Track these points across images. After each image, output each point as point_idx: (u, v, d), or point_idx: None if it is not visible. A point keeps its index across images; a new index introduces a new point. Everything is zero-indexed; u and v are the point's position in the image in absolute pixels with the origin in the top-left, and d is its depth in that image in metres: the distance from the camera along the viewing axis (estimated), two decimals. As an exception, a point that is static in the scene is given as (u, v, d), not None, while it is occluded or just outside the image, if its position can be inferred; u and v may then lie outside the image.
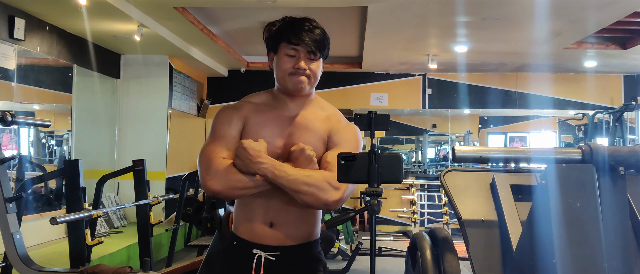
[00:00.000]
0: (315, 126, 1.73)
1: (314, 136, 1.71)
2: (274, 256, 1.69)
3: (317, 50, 1.70)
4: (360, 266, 5.81)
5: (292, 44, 1.68)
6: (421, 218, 7.90)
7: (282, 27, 1.72)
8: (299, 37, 1.68)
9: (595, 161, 1.33)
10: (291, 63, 1.69)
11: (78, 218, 3.10)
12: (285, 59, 1.70)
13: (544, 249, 1.25)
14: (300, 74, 1.69)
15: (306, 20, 1.73)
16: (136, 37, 5.51)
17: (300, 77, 1.69)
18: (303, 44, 1.68)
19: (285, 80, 1.71)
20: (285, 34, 1.70)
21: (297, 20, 1.73)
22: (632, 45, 6.39)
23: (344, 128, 1.75)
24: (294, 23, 1.72)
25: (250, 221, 1.71)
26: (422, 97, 8.42)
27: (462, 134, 9.49)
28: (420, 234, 1.65)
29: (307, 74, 1.70)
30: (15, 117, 2.54)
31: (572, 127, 9.15)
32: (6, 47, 4.67)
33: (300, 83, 1.70)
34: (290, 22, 1.73)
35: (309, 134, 1.71)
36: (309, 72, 1.70)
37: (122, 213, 6.66)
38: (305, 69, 1.69)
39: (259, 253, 1.69)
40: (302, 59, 1.69)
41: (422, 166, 9.43)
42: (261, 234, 1.70)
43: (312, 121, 1.74)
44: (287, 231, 1.70)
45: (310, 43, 1.68)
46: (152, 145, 6.83)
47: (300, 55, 1.69)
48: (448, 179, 1.61)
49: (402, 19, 5.41)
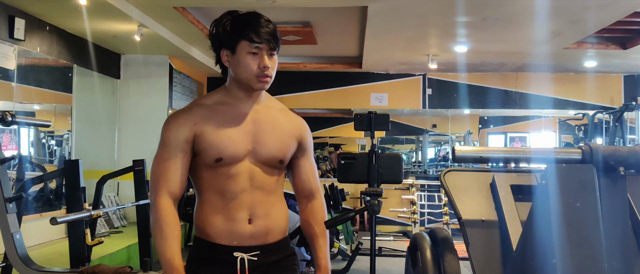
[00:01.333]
0: (280, 122, 1.76)
1: (282, 132, 1.75)
2: (255, 256, 1.68)
3: (277, 46, 1.67)
4: (360, 266, 5.81)
5: (254, 42, 1.63)
6: (421, 218, 7.90)
7: (238, 24, 1.67)
8: (260, 34, 1.63)
9: (595, 161, 1.33)
10: (255, 62, 1.65)
11: (78, 217, 3.09)
12: (248, 57, 1.64)
13: (544, 249, 1.25)
14: (267, 74, 1.66)
15: (259, 16, 1.68)
16: (136, 37, 5.51)
17: (266, 79, 1.67)
18: (265, 41, 1.64)
19: (251, 81, 1.67)
20: (245, 32, 1.64)
21: (251, 16, 1.68)
22: (632, 45, 6.39)
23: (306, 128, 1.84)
24: (249, 19, 1.66)
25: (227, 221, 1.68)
26: (422, 97, 8.42)
27: (462, 134, 9.49)
28: (420, 234, 1.65)
29: (270, 73, 1.68)
30: (15, 117, 2.54)
31: (572, 127, 9.16)
32: (6, 47, 4.67)
33: (266, 84, 1.69)
34: (245, 18, 1.67)
35: (276, 131, 1.73)
36: (271, 70, 1.68)
37: (122, 213, 6.66)
38: (269, 67, 1.66)
39: (241, 256, 1.66)
40: (265, 56, 1.65)
41: (422, 166, 9.44)
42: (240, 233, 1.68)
43: (273, 117, 1.76)
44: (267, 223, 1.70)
45: (271, 39, 1.65)
46: (152, 145, 6.71)
47: (262, 53, 1.65)
48: (448, 179, 1.61)
49: (402, 19, 5.41)
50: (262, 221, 1.69)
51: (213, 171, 1.68)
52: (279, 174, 1.76)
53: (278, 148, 1.71)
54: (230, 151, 1.66)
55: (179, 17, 5.26)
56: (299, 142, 1.78)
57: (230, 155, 1.66)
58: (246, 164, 1.68)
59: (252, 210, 1.69)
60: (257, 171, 1.69)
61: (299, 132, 1.78)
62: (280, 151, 1.72)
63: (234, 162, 1.67)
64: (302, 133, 1.79)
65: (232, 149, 1.66)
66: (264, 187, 1.70)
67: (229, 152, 1.66)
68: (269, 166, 1.71)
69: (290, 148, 1.75)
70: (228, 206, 1.68)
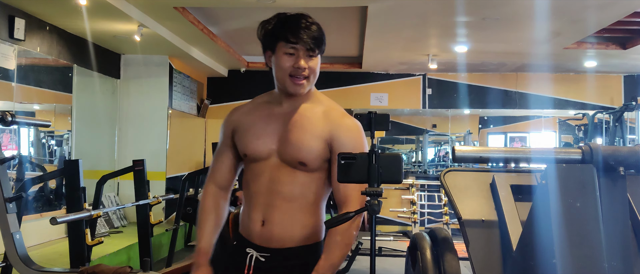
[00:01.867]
0: (312, 124, 1.69)
1: (311, 135, 1.68)
2: (264, 257, 1.71)
3: (316, 47, 1.66)
4: (360, 266, 5.81)
5: (290, 43, 1.64)
6: (421, 218, 7.89)
7: (278, 25, 1.68)
8: (297, 35, 1.64)
9: (595, 161, 1.33)
10: (291, 62, 1.66)
11: (78, 218, 3.10)
12: (284, 58, 1.66)
13: (544, 249, 1.25)
14: (300, 75, 1.66)
15: (302, 17, 1.69)
16: (136, 37, 5.51)
17: (301, 81, 1.67)
18: (302, 42, 1.64)
19: (285, 81, 1.68)
20: (282, 33, 1.66)
21: (293, 17, 1.69)
22: (632, 45, 6.39)
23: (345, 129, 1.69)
24: (290, 20, 1.68)
25: (248, 217, 1.76)
26: (422, 97, 8.42)
27: (462, 134, 9.49)
28: (420, 234, 1.65)
29: (306, 74, 1.67)
30: (15, 117, 2.54)
31: (572, 127, 9.15)
32: (6, 47, 4.67)
33: (301, 87, 1.68)
34: (286, 19, 1.68)
35: (304, 133, 1.68)
36: (308, 71, 1.67)
37: (122, 213, 6.66)
38: (305, 68, 1.66)
39: (252, 253, 1.72)
40: (301, 57, 1.66)
41: (422, 166, 9.43)
42: (254, 232, 1.74)
43: (309, 118, 1.70)
44: (277, 230, 1.70)
45: (308, 40, 1.64)
46: (152, 145, 6.83)
47: (299, 54, 1.65)
48: (448, 179, 1.61)
49: (402, 19, 5.41)
50: (274, 227, 1.70)
51: (247, 167, 1.78)
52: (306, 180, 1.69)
53: (298, 148, 1.67)
54: (252, 148, 1.72)
55: (179, 17, 5.26)
56: (330, 145, 1.67)
57: (253, 152, 1.72)
58: (269, 164, 1.71)
59: (266, 214, 1.71)
60: (279, 172, 1.70)
61: (329, 134, 1.67)
62: (300, 151, 1.67)
63: (258, 160, 1.73)
64: (333, 134, 1.67)
65: (254, 146, 1.72)
66: (283, 191, 1.69)
67: (252, 149, 1.73)
68: (292, 167, 1.69)
69: (313, 149, 1.67)
70: (250, 203, 1.76)
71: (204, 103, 8.30)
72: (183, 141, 7.58)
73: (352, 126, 1.70)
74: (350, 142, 1.67)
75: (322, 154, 1.68)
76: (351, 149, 1.62)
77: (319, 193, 1.72)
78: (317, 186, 1.71)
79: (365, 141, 1.72)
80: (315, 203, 1.72)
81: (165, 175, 6.91)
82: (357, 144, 1.67)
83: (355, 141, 1.68)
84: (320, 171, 1.70)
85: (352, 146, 1.65)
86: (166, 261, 5.47)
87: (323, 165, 1.70)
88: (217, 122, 8.45)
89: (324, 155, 1.68)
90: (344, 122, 1.70)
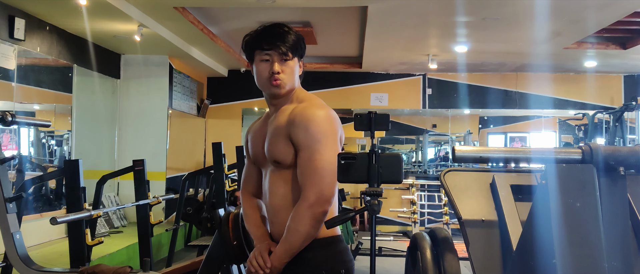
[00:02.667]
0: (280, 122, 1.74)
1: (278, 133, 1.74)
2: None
3: (289, 51, 1.75)
4: (360, 266, 5.81)
5: (264, 50, 1.74)
6: (421, 218, 7.90)
7: (254, 36, 1.79)
8: (270, 42, 1.74)
9: (595, 161, 1.33)
10: (267, 68, 1.75)
11: (78, 218, 3.09)
12: (261, 65, 1.76)
13: (544, 249, 1.25)
14: (276, 78, 1.75)
15: (277, 26, 1.78)
16: (136, 37, 5.51)
17: (277, 82, 1.75)
18: (275, 48, 1.73)
19: (265, 86, 1.78)
20: (257, 42, 1.76)
21: (268, 27, 1.78)
22: (632, 45, 6.39)
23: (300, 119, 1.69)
24: (264, 30, 1.78)
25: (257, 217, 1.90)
26: (422, 97, 8.42)
27: (462, 134, 9.49)
28: (420, 234, 1.65)
29: (281, 77, 1.75)
30: (15, 117, 2.54)
31: (572, 127, 9.15)
32: (6, 47, 4.67)
33: (278, 87, 1.76)
34: (262, 30, 1.78)
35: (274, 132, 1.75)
36: (283, 74, 1.75)
37: (122, 213, 6.66)
38: (279, 72, 1.74)
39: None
40: (275, 62, 1.74)
41: (422, 166, 9.43)
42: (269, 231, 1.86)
43: (281, 118, 1.76)
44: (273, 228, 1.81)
45: (281, 45, 1.73)
46: (152, 145, 6.83)
47: (273, 59, 1.75)
48: (448, 179, 1.61)
49: (402, 19, 5.41)
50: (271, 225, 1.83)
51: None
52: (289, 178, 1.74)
53: (271, 149, 1.75)
54: (252, 154, 1.89)
55: (179, 17, 5.26)
56: (290, 138, 1.71)
57: (253, 158, 1.89)
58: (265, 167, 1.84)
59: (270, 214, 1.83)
60: (270, 173, 1.80)
61: (288, 129, 1.70)
62: (272, 151, 1.75)
63: (259, 165, 1.87)
64: (291, 128, 1.70)
65: (253, 152, 1.88)
66: (273, 191, 1.78)
67: (252, 155, 1.89)
68: (275, 167, 1.77)
69: (279, 146, 1.72)
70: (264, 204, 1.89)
71: (204, 103, 8.30)
72: (183, 141, 7.58)
73: (310, 115, 1.69)
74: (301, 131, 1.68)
75: (288, 150, 1.71)
76: (302, 139, 1.66)
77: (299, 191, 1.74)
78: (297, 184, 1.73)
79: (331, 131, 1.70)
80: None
81: (165, 175, 6.91)
82: (309, 133, 1.67)
83: (308, 128, 1.67)
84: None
85: (303, 135, 1.67)
86: (166, 261, 5.47)
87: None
88: (217, 122, 8.46)
89: (291, 150, 1.71)
90: (302, 113, 1.70)
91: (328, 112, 1.72)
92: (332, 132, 1.70)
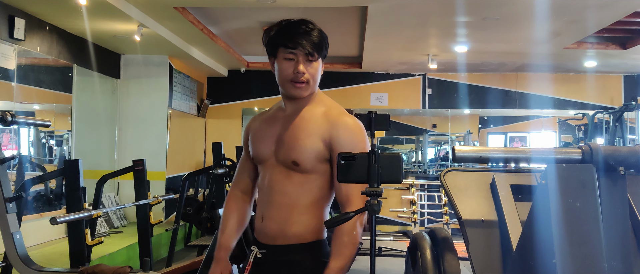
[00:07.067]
0: (310, 124, 1.72)
1: (306, 134, 1.70)
2: (261, 253, 1.78)
3: (315, 51, 1.70)
4: (360, 266, 5.79)
5: (289, 48, 1.69)
6: (421, 218, 7.89)
7: (278, 31, 1.72)
8: (295, 40, 1.68)
9: (595, 161, 1.33)
10: (291, 67, 1.70)
11: (78, 218, 3.09)
12: (284, 63, 1.71)
13: (544, 249, 1.25)
14: (300, 80, 1.70)
15: (303, 23, 1.72)
16: (136, 37, 5.51)
17: (301, 85, 1.71)
18: (300, 47, 1.68)
19: (286, 86, 1.73)
20: (282, 39, 1.70)
21: (294, 24, 1.72)
22: (632, 45, 6.39)
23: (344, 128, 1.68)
24: (290, 26, 1.71)
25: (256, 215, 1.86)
26: (422, 97, 8.42)
27: (462, 134, 9.49)
28: (420, 234, 1.65)
29: (306, 79, 1.71)
30: (15, 117, 2.54)
31: (572, 127, 9.15)
32: (6, 47, 4.67)
33: (300, 90, 1.72)
34: (287, 25, 1.72)
35: (300, 133, 1.71)
36: (308, 76, 1.71)
37: (122, 212, 6.66)
38: (304, 73, 1.70)
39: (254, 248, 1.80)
40: (300, 62, 1.69)
41: (422, 166, 9.43)
42: (256, 228, 1.84)
43: (307, 119, 1.73)
44: (272, 226, 1.75)
45: (307, 45, 1.68)
46: (152, 145, 6.83)
47: (298, 59, 1.69)
48: (448, 179, 1.61)
49: (402, 19, 5.41)
50: (270, 223, 1.76)
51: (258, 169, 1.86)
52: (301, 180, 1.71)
53: (291, 148, 1.70)
54: (254, 151, 1.82)
55: (179, 17, 5.26)
56: (329, 144, 1.68)
57: (255, 155, 1.82)
58: (269, 165, 1.77)
59: (265, 210, 1.78)
60: (276, 173, 1.75)
61: (328, 134, 1.68)
62: (292, 151, 1.70)
63: (261, 162, 1.81)
64: (332, 134, 1.68)
65: (256, 149, 1.81)
66: (279, 190, 1.73)
67: (254, 152, 1.82)
68: (286, 167, 1.72)
69: (307, 148, 1.68)
70: (258, 201, 1.86)
71: (204, 103, 8.30)
72: (183, 141, 7.58)
73: (352, 125, 1.70)
74: (349, 141, 1.67)
75: (318, 154, 1.69)
76: (350, 148, 1.61)
77: (316, 194, 1.72)
78: (314, 187, 1.72)
79: (367, 140, 1.72)
80: (313, 204, 1.73)
81: (165, 175, 6.91)
82: (357, 143, 1.67)
83: (354, 139, 1.68)
84: (317, 172, 1.71)
85: (351, 144, 1.66)
86: (166, 261, 5.47)
87: (319, 166, 1.70)
88: (216, 122, 8.46)
89: (321, 155, 1.69)
90: (343, 121, 1.71)
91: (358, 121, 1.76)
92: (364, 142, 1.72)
